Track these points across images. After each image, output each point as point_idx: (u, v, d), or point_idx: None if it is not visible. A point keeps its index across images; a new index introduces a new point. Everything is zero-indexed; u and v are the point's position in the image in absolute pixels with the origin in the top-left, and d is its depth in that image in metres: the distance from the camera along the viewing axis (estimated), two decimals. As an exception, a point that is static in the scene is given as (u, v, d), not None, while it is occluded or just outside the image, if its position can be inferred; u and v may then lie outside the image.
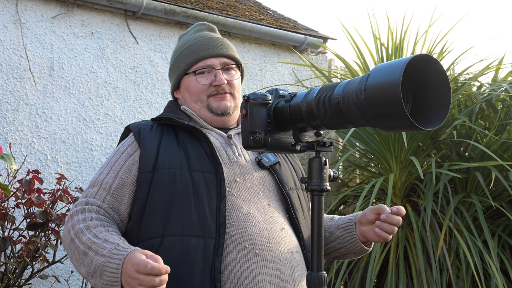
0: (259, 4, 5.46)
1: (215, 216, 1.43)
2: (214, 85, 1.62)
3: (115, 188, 1.50)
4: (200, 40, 1.68)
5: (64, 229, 1.50)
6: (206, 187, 1.46)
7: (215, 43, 1.67)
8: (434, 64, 1.08)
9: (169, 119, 1.59)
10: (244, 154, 1.60)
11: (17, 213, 3.07)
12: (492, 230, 3.31)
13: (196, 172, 1.48)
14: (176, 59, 1.70)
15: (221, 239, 1.40)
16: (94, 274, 1.34)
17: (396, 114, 1.02)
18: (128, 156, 1.55)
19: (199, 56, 1.64)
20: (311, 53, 4.81)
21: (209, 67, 1.63)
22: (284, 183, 1.60)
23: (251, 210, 1.49)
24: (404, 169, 3.46)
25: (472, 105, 3.50)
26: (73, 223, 1.45)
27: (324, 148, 1.28)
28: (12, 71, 3.53)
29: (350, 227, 1.64)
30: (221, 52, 1.66)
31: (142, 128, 1.58)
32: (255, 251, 1.43)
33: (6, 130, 3.47)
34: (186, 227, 1.41)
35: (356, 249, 1.65)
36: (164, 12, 3.98)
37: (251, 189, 1.53)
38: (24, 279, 2.98)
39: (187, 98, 1.67)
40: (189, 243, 1.39)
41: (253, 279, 1.40)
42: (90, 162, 3.72)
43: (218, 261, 1.38)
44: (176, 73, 1.69)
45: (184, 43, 1.71)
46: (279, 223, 1.51)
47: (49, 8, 3.70)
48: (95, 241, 1.37)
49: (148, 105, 3.99)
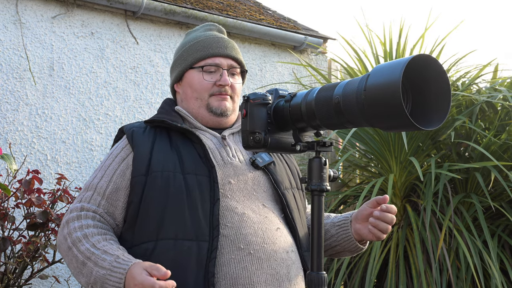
0: (259, 4, 5.46)
1: (209, 219, 1.43)
2: (218, 85, 1.62)
3: (110, 193, 1.50)
4: (211, 38, 1.68)
5: (59, 235, 1.49)
6: (199, 190, 1.46)
7: (225, 44, 1.67)
8: (434, 64, 1.08)
9: (161, 121, 1.58)
10: (238, 155, 1.60)
11: (17, 213, 3.07)
12: (492, 230, 3.31)
13: (190, 175, 1.48)
14: (184, 52, 1.68)
15: (215, 242, 1.40)
16: (94, 285, 1.35)
17: (396, 114, 1.02)
18: (121, 159, 1.55)
19: (209, 53, 1.64)
20: (311, 53, 4.81)
21: (216, 65, 1.63)
22: (279, 183, 1.59)
23: (246, 211, 1.48)
24: (404, 169, 3.46)
25: (472, 105, 3.51)
26: (70, 231, 1.44)
27: (324, 148, 1.28)
28: (12, 71, 3.53)
29: (345, 225, 1.64)
30: (230, 53, 1.66)
31: (135, 130, 1.58)
32: (250, 251, 1.43)
33: (6, 130, 3.47)
34: (180, 230, 1.41)
35: (351, 247, 1.65)
36: (164, 12, 3.98)
37: (245, 190, 1.53)
38: (24, 279, 2.98)
39: (187, 94, 1.66)
40: (183, 247, 1.39)
41: (248, 279, 1.40)
42: (90, 162, 3.72)
43: (212, 264, 1.38)
44: (182, 65, 1.67)
45: (194, 38, 1.70)
46: (274, 223, 1.51)
47: (49, 8, 3.70)
48: (94, 252, 1.37)
49: (148, 105, 3.99)
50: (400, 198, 3.48)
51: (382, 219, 1.50)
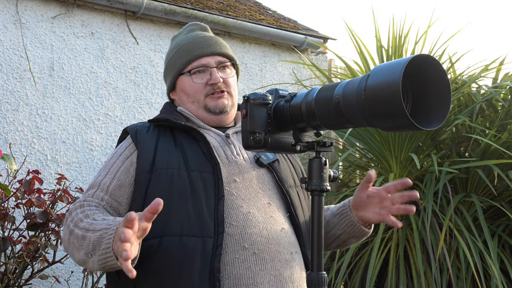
0: (259, 4, 5.46)
1: (214, 215, 1.43)
2: (210, 84, 1.62)
3: (113, 189, 1.50)
4: (193, 40, 1.68)
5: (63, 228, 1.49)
6: (204, 187, 1.46)
7: (209, 42, 1.67)
8: (434, 64, 1.08)
9: (166, 120, 1.59)
10: (243, 153, 1.60)
11: (17, 213, 3.07)
12: (492, 230, 3.31)
13: (194, 172, 1.48)
14: (170, 60, 1.70)
15: (220, 239, 1.40)
16: (93, 252, 1.31)
17: (396, 114, 1.02)
18: (125, 157, 1.55)
19: (194, 56, 1.64)
20: (311, 53, 4.81)
21: (204, 66, 1.63)
22: (283, 181, 1.60)
23: (251, 210, 1.48)
24: (404, 169, 3.46)
25: (472, 105, 3.50)
26: (72, 217, 1.44)
27: (324, 148, 1.28)
28: (12, 71, 3.53)
29: (345, 212, 1.63)
30: (215, 50, 1.66)
31: (139, 129, 1.58)
32: (255, 251, 1.43)
33: (6, 130, 3.47)
34: (185, 227, 1.41)
35: (356, 232, 1.63)
36: (164, 12, 3.98)
37: (250, 188, 1.53)
38: (24, 279, 2.98)
39: (183, 99, 1.67)
40: (188, 243, 1.39)
41: (251, 280, 1.40)
42: (90, 162, 3.72)
43: (217, 260, 1.38)
44: (171, 73, 1.68)
45: (178, 44, 1.71)
46: (279, 223, 1.51)
47: (49, 8, 3.70)
48: (93, 222, 1.35)
49: (148, 105, 3.99)
50: (400, 198, 3.48)
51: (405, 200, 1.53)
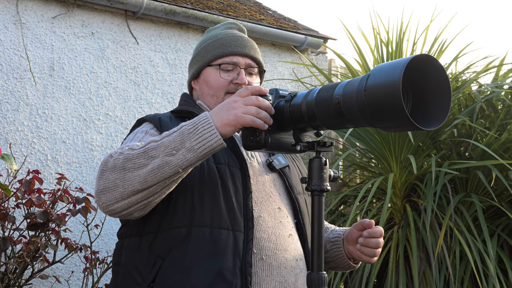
0: (259, 4, 5.46)
1: (243, 210, 1.42)
2: (235, 83, 1.61)
3: None
4: (230, 36, 1.67)
5: (103, 168, 1.32)
6: (232, 180, 1.44)
7: (245, 43, 1.67)
8: (434, 64, 1.08)
9: (189, 112, 1.57)
10: (257, 156, 1.59)
11: (17, 213, 3.07)
12: (492, 230, 3.31)
13: (222, 165, 1.46)
14: (203, 49, 1.68)
15: (250, 234, 1.40)
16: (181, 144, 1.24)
17: (396, 114, 1.02)
18: (149, 134, 1.49)
19: (227, 51, 1.63)
20: (311, 53, 4.80)
21: (234, 64, 1.63)
22: (293, 187, 1.59)
23: (262, 214, 1.47)
24: (404, 169, 3.46)
25: (472, 104, 3.50)
26: (116, 156, 1.31)
27: (324, 148, 1.28)
28: (13, 71, 3.53)
29: (338, 242, 1.64)
30: (248, 52, 1.65)
31: (162, 118, 1.55)
32: (262, 257, 1.43)
33: (6, 130, 3.47)
34: (216, 218, 1.39)
35: (344, 265, 1.65)
36: (164, 12, 3.98)
37: (263, 191, 1.52)
38: (24, 279, 2.98)
39: (204, 91, 1.65)
40: (220, 235, 1.38)
41: (257, 285, 1.40)
42: (90, 162, 3.72)
43: (249, 254, 1.38)
44: (200, 62, 1.67)
45: (214, 36, 1.69)
46: (287, 229, 1.50)
47: (50, 8, 3.70)
48: (154, 138, 1.29)
49: (148, 105, 3.99)
50: (400, 198, 3.48)
51: (366, 245, 1.51)
